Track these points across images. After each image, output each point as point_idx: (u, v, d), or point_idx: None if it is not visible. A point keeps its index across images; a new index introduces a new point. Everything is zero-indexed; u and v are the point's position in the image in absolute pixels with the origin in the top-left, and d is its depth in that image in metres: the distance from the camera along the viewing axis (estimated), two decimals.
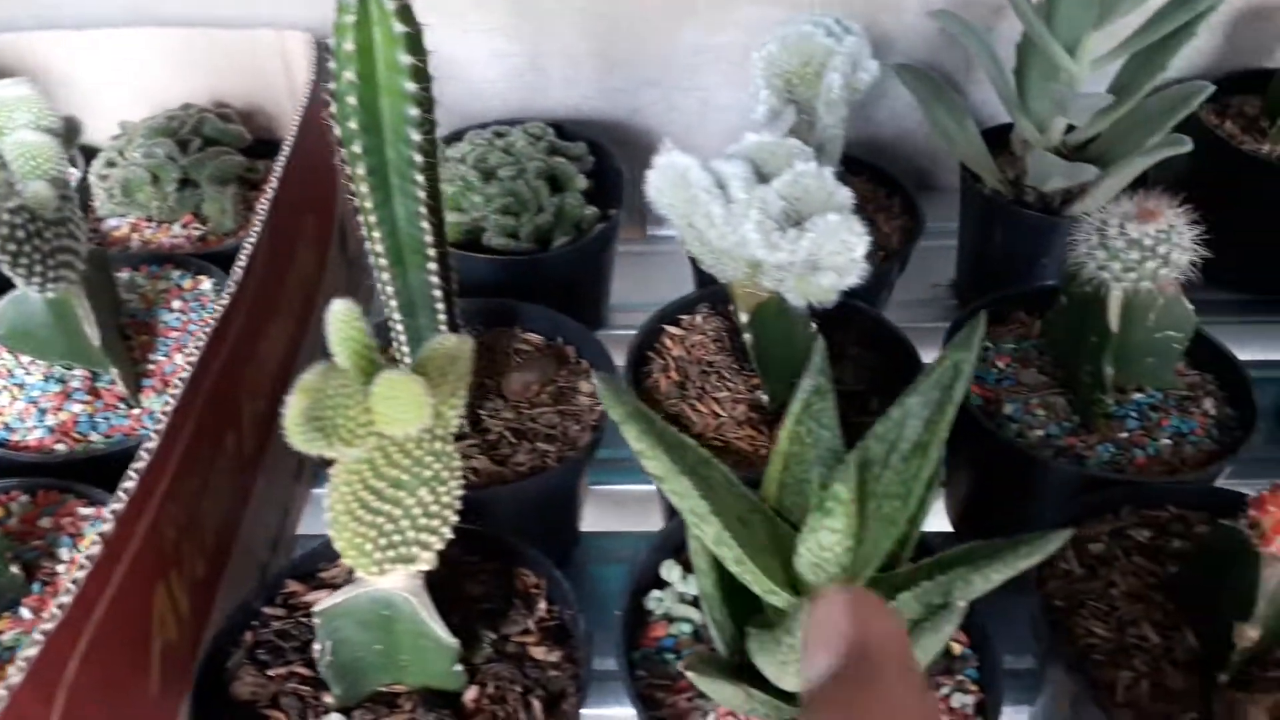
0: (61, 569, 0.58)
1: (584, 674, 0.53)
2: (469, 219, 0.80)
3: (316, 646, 0.51)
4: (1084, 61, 0.77)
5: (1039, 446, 0.63)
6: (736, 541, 0.45)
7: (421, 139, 0.53)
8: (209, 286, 0.76)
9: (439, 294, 0.59)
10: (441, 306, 0.60)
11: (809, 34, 0.68)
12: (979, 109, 0.97)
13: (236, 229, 0.83)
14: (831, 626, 0.30)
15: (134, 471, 0.49)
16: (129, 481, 0.49)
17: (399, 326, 0.61)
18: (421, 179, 0.54)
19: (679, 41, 0.95)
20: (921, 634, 0.43)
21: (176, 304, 0.74)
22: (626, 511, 0.78)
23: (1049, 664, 0.54)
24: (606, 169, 0.88)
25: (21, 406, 0.67)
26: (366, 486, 0.45)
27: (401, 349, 0.62)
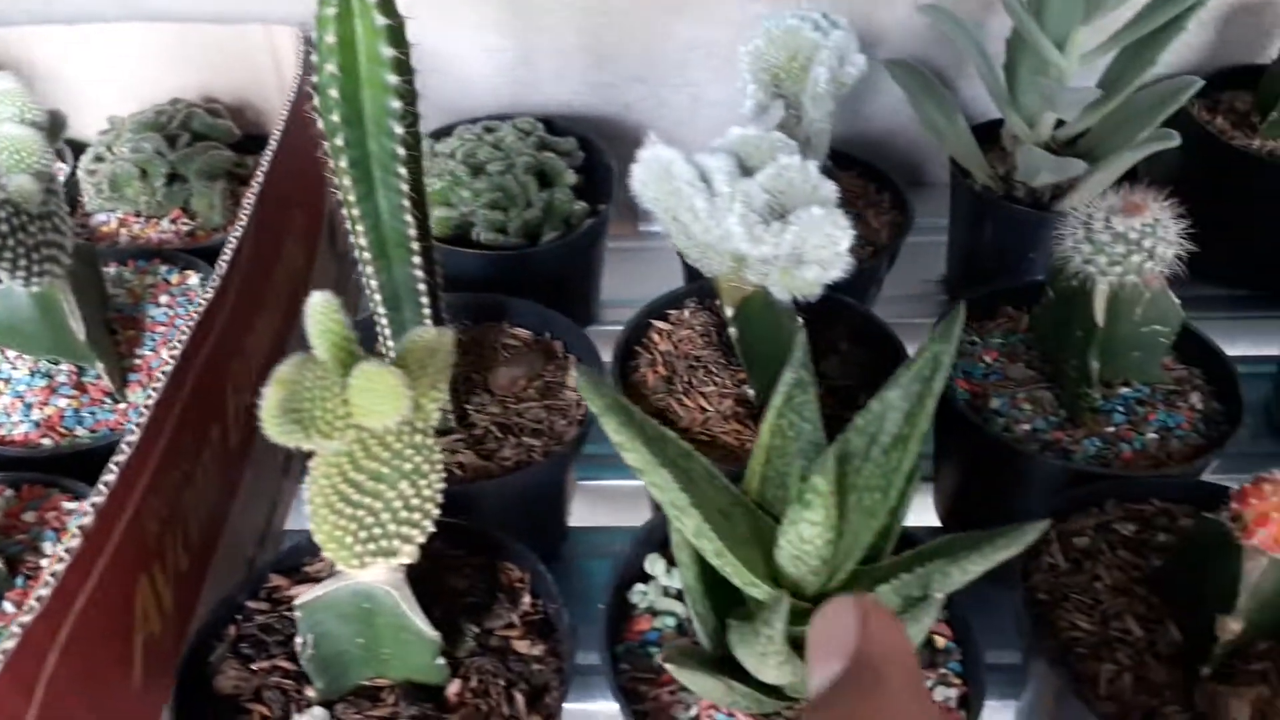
0: (45, 563, 0.58)
1: (567, 668, 0.53)
2: (458, 214, 0.80)
3: (298, 640, 0.51)
4: (1073, 56, 0.77)
5: (1025, 441, 0.63)
6: (717, 534, 0.45)
7: (404, 132, 0.53)
8: (196, 281, 0.76)
9: (423, 288, 0.59)
10: (426, 300, 0.60)
11: (795, 28, 0.68)
12: (970, 104, 0.97)
13: (225, 224, 0.83)
14: (837, 635, 0.29)
15: (114, 464, 0.49)
16: (109, 475, 0.49)
17: (384, 320, 0.60)
18: (404, 172, 0.54)
19: (670, 37, 0.95)
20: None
21: (164, 299, 0.74)
22: (615, 506, 0.78)
23: (1033, 658, 0.54)
24: (596, 164, 0.88)
25: (7, 401, 0.67)
26: (346, 479, 0.45)
27: (386, 343, 0.62)
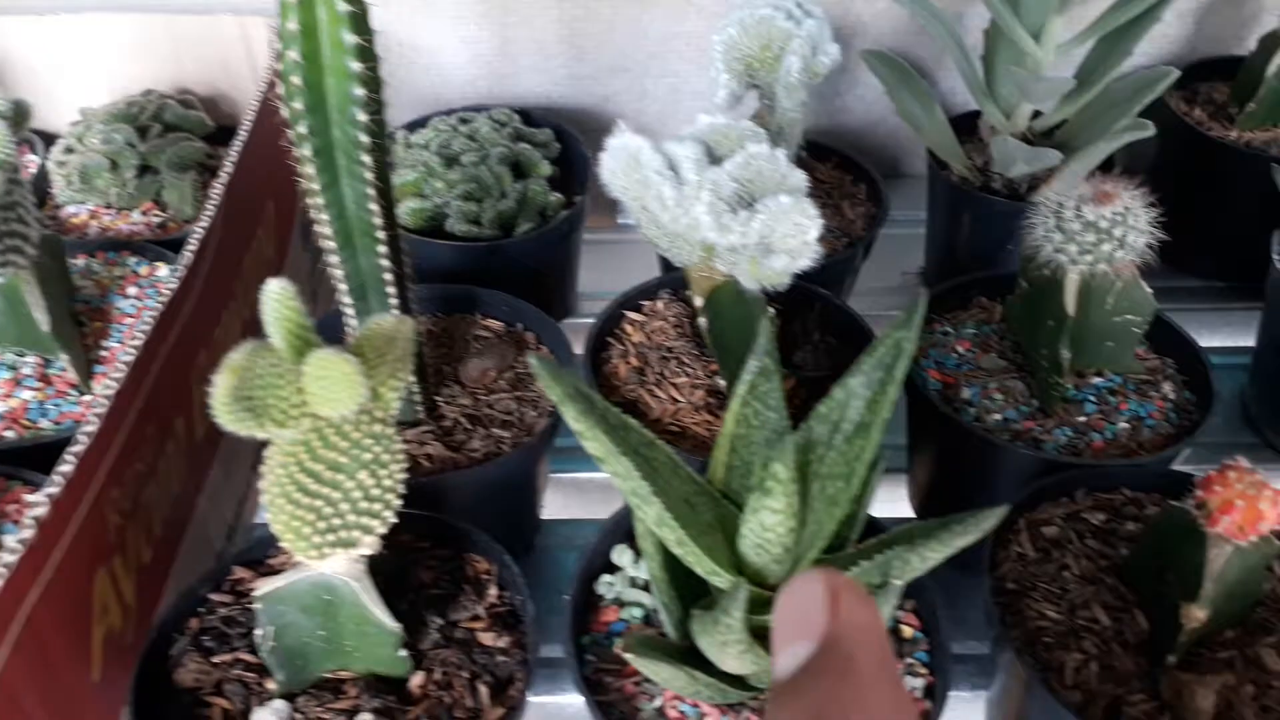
0: None
1: (531, 660, 0.53)
2: (431, 205, 0.79)
3: (258, 632, 0.50)
4: (1048, 47, 0.77)
5: (996, 431, 0.62)
6: (678, 522, 0.45)
7: (368, 119, 0.52)
8: (166, 273, 0.75)
9: (390, 278, 0.58)
10: (393, 291, 0.59)
11: (768, 17, 0.67)
12: (948, 96, 0.97)
13: (197, 216, 0.82)
14: (805, 613, 0.27)
15: (71, 455, 0.49)
16: (65, 465, 0.48)
17: (350, 311, 0.60)
18: (369, 160, 0.54)
19: (649, 28, 0.94)
20: None
21: (132, 290, 0.73)
22: (589, 499, 0.77)
23: (1000, 648, 0.54)
24: (573, 156, 0.88)
25: None
26: (303, 469, 0.45)
27: (353, 334, 0.62)
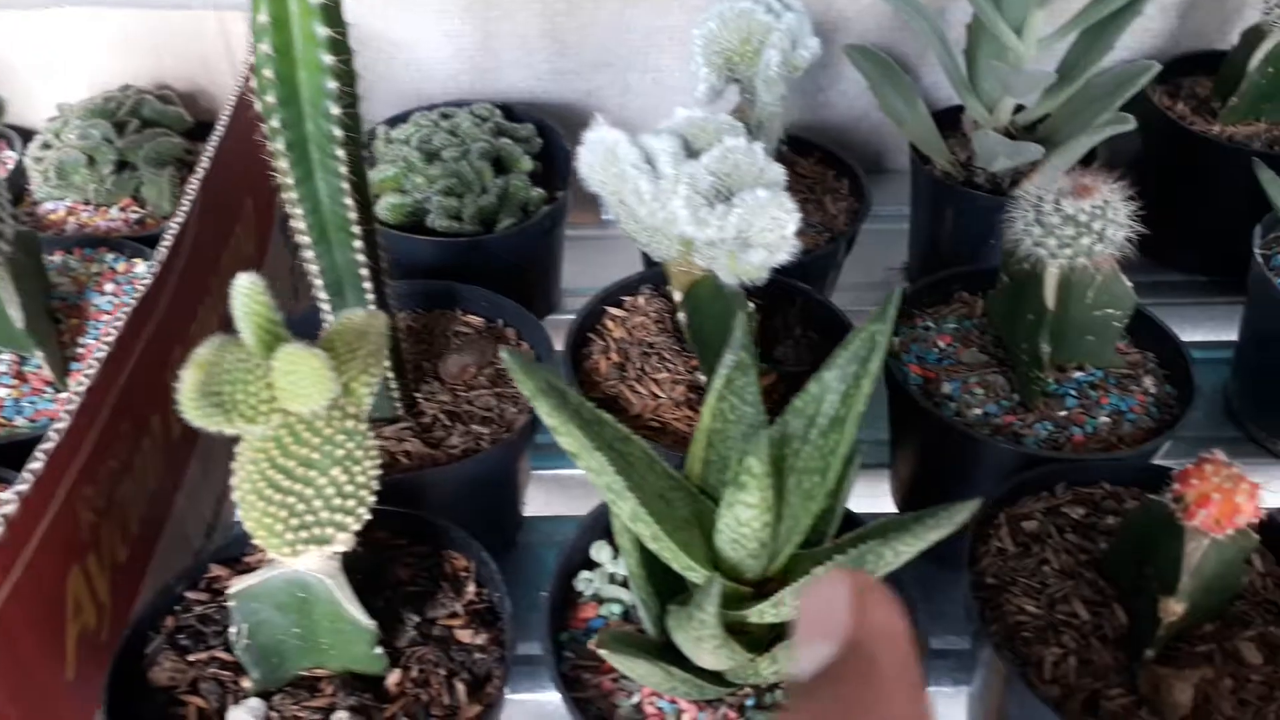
0: None
1: (509, 657, 0.52)
2: (412, 201, 0.79)
3: (232, 630, 0.50)
4: (1030, 41, 0.76)
5: (976, 425, 0.62)
6: (653, 517, 0.45)
7: (342, 113, 0.52)
8: (143, 269, 0.74)
9: (366, 273, 0.58)
10: (370, 286, 0.59)
11: (748, 11, 0.67)
12: (933, 91, 0.96)
13: (175, 212, 0.81)
14: (829, 614, 0.26)
15: (41, 452, 0.48)
16: (36, 462, 0.48)
17: (326, 307, 0.59)
18: (343, 154, 0.53)
19: (633, 23, 0.94)
20: None
21: (109, 287, 0.73)
22: (572, 495, 0.77)
23: (980, 643, 0.54)
24: (555, 151, 0.87)
25: None
26: (274, 465, 0.44)
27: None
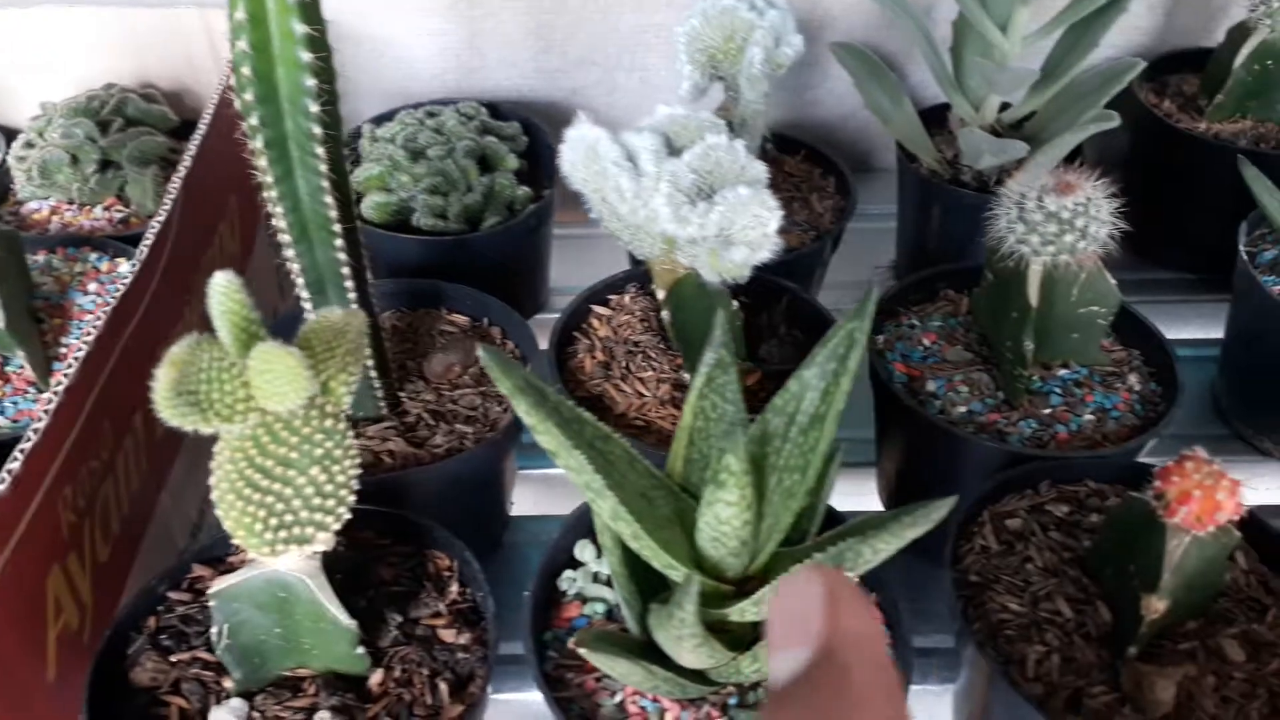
0: None
1: (492, 656, 0.52)
2: (397, 199, 0.78)
3: (213, 630, 0.50)
4: (1014, 38, 0.77)
5: (960, 423, 0.62)
6: (634, 516, 0.44)
7: (320, 110, 0.52)
8: (127, 269, 0.74)
9: (347, 271, 0.58)
10: (351, 285, 0.58)
11: (731, 8, 0.67)
12: (920, 89, 0.96)
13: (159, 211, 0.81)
14: (801, 616, 0.26)
15: (19, 452, 0.48)
16: (13, 462, 0.48)
17: (308, 305, 0.59)
18: (322, 152, 0.53)
19: (619, 21, 0.93)
20: None
21: (92, 287, 0.72)
22: (559, 495, 0.77)
23: (963, 641, 0.54)
24: (541, 149, 0.87)
25: None
26: (252, 464, 0.44)
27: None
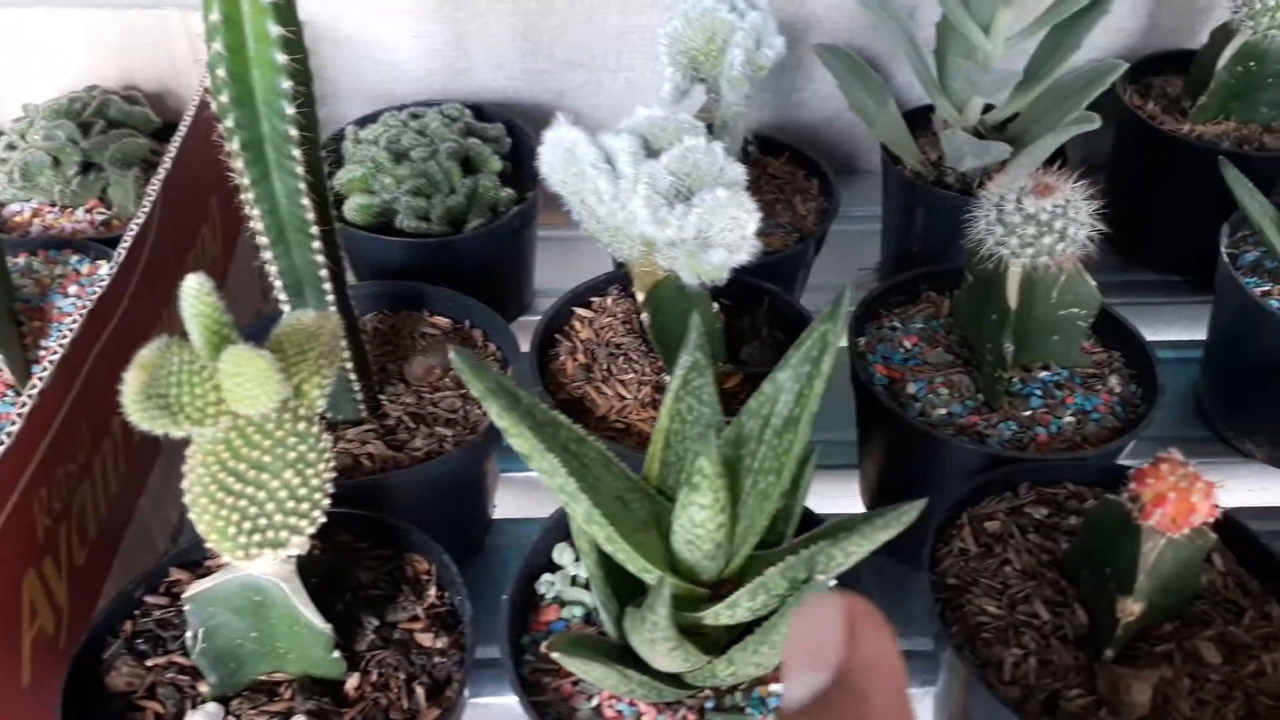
0: None
1: (468, 660, 0.52)
2: (379, 201, 0.78)
3: (188, 634, 0.50)
4: (997, 39, 0.77)
5: (940, 425, 0.62)
6: (607, 519, 0.44)
7: (296, 112, 0.52)
8: (107, 271, 0.74)
9: (325, 274, 0.58)
10: (329, 287, 0.58)
11: (711, 10, 0.67)
12: (905, 90, 0.96)
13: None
14: (820, 640, 0.25)
15: None
16: None
17: (287, 308, 0.59)
18: (299, 154, 0.53)
19: (605, 23, 0.93)
20: (787, 610, 0.42)
21: (73, 289, 0.72)
22: (542, 498, 0.77)
23: (941, 644, 0.54)
24: (525, 151, 0.87)
25: None
26: (224, 468, 0.44)
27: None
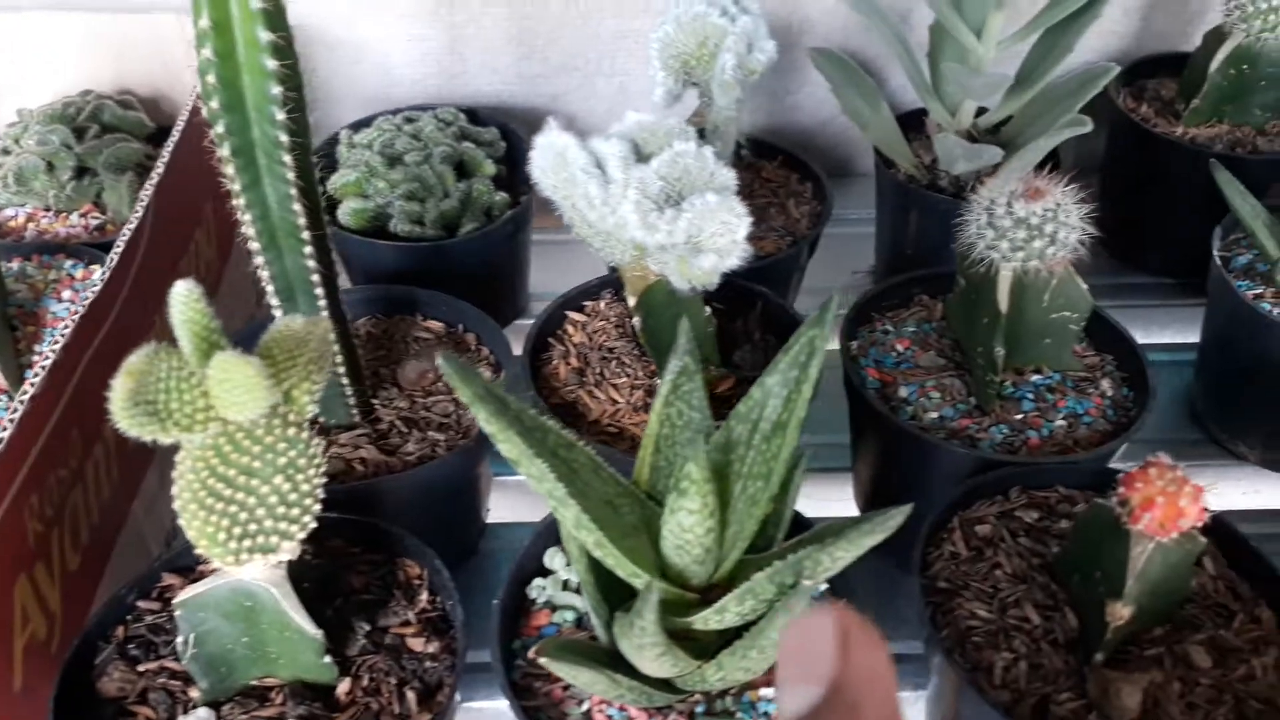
0: None
1: (459, 665, 0.52)
2: (374, 205, 0.78)
3: (179, 640, 0.50)
4: (989, 43, 0.77)
5: (932, 429, 0.62)
6: (596, 524, 0.44)
7: (286, 118, 0.52)
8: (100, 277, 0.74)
9: (317, 279, 0.58)
10: (321, 292, 0.58)
11: (703, 14, 0.67)
12: (899, 94, 0.97)
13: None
14: (812, 654, 0.26)
15: None
16: None
17: (278, 313, 0.59)
18: (289, 159, 0.53)
19: (600, 27, 0.94)
20: (775, 615, 0.42)
21: (67, 294, 0.72)
22: (537, 502, 0.77)
23: (931, 648, 0.54)
24: (519, 155, 0.87)
25: None
26: (214, 474, 0.44)
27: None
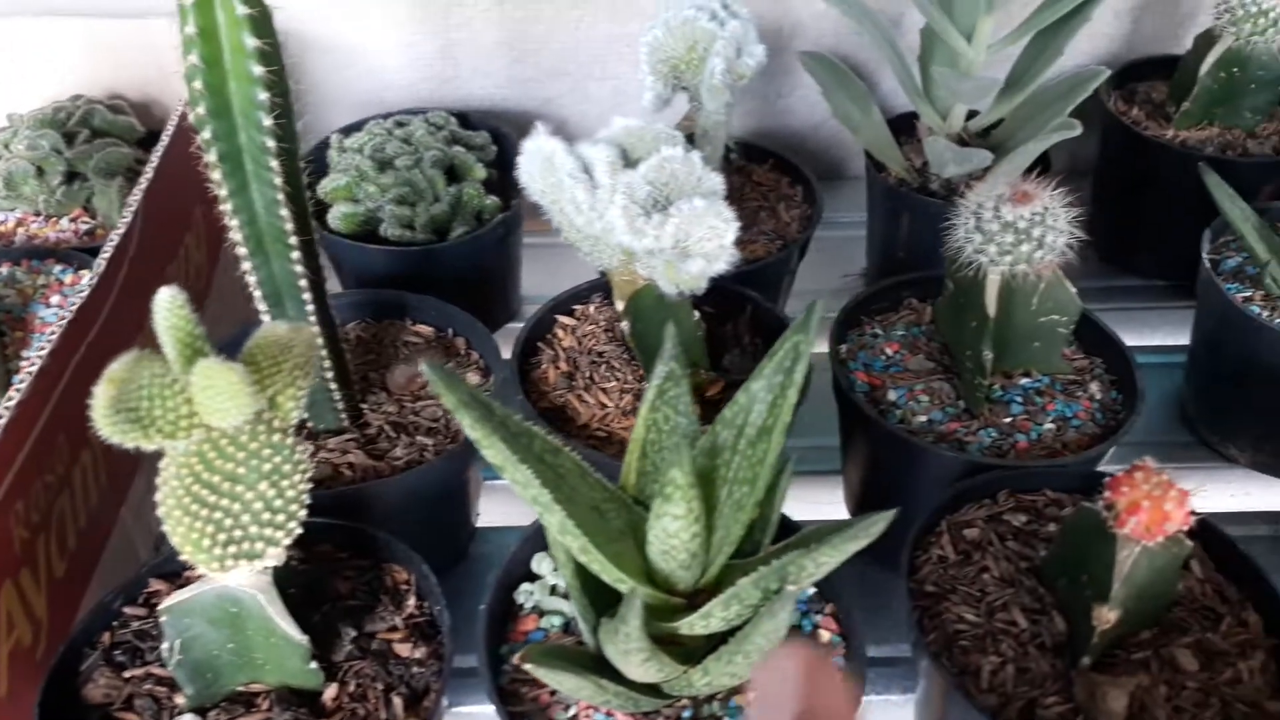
0: None
1: (447, 670, 0.52)
2: (364, 210, 0.78)
3: (164, 646, 0.50)
4: (980, 47, 0.77)
5: (920, 432, 0.62)
6: (581, 530, 0.44)
7: (273, 124, 0.52)
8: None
9: (304, 284, 0.58)
10: (309, 297, 0.58)
11: (692, 18, 0.67)
12: (890, 97, 0.97)
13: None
14: (780, 693, 0.28)
15: None
16: None
17: (266, 318, 0.59)
18: (277, 165, 0.53)
19: (591, 31, 0.94)
20: (760, 619, 0.42)
21: (55, 299, 0.72)
22: (527, 506, 0.77)
23: (919, 652, 0.54)
24: (510, 159, 0.87)
25: None
26: (198, 480, 0.44)
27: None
